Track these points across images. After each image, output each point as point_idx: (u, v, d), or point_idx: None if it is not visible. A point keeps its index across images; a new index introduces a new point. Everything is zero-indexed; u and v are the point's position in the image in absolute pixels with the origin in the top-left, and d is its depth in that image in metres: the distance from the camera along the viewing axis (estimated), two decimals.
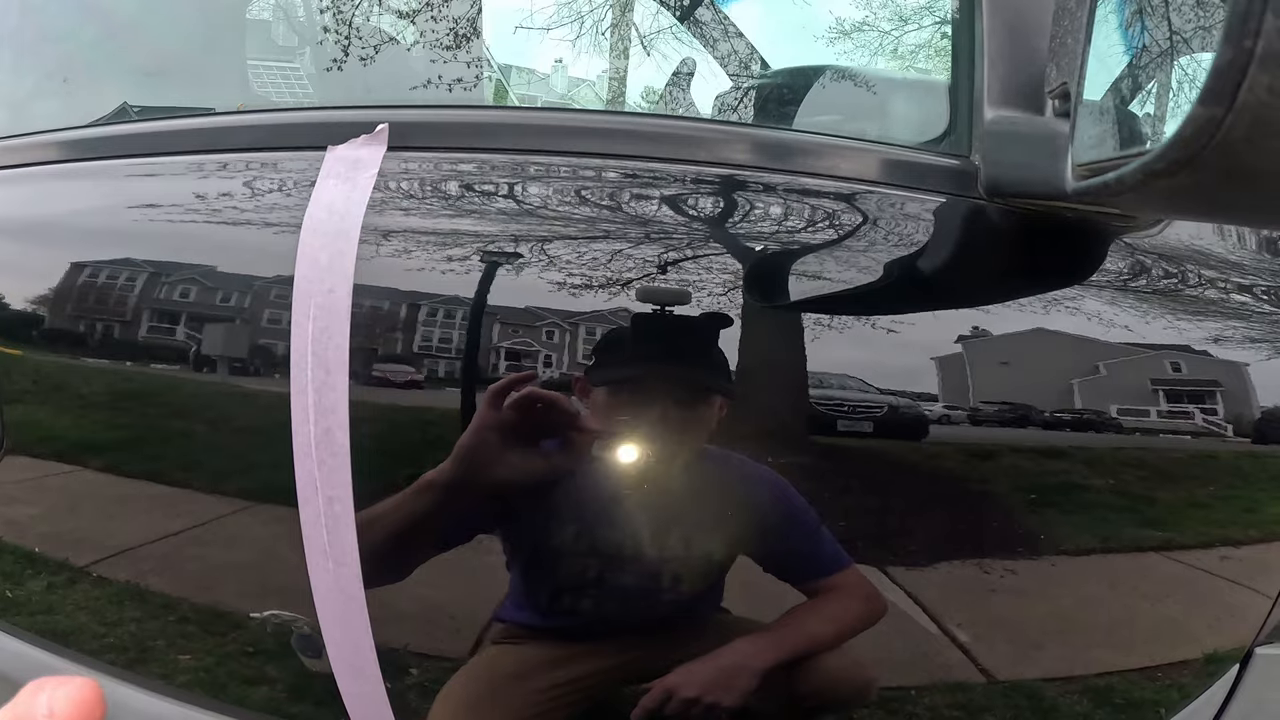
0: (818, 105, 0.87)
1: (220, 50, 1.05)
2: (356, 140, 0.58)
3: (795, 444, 0.59)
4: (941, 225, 0.60)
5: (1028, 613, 0.64)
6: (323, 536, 0.57)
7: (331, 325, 0.54)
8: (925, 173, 0.60)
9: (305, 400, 0.55)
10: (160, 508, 0.74)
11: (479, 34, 1.04)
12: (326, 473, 0.56)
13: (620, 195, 0.62)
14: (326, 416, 0.55)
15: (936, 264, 0.60)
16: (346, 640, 0.60)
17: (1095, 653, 0.66)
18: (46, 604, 0.83)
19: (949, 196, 0.59)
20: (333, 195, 0.56)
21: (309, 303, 0.55)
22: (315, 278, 0.55)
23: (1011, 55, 0.57)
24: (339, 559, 0.58)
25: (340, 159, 0.58)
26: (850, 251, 0.59)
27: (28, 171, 0.74)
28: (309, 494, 0.57)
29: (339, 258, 0.54)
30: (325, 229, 0.55)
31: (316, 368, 0.55)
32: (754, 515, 0.61)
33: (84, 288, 0.67)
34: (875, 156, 0.62)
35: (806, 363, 0.57)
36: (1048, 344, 0.59)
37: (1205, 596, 0.67)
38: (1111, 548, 0.63)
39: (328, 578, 0.58)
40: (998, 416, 0.59)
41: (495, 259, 0.58)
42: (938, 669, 0.63)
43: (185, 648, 0.77)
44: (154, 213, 0.67)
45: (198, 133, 0.70)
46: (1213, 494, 0.65)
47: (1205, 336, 0.61)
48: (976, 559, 0.61)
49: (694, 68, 1.27)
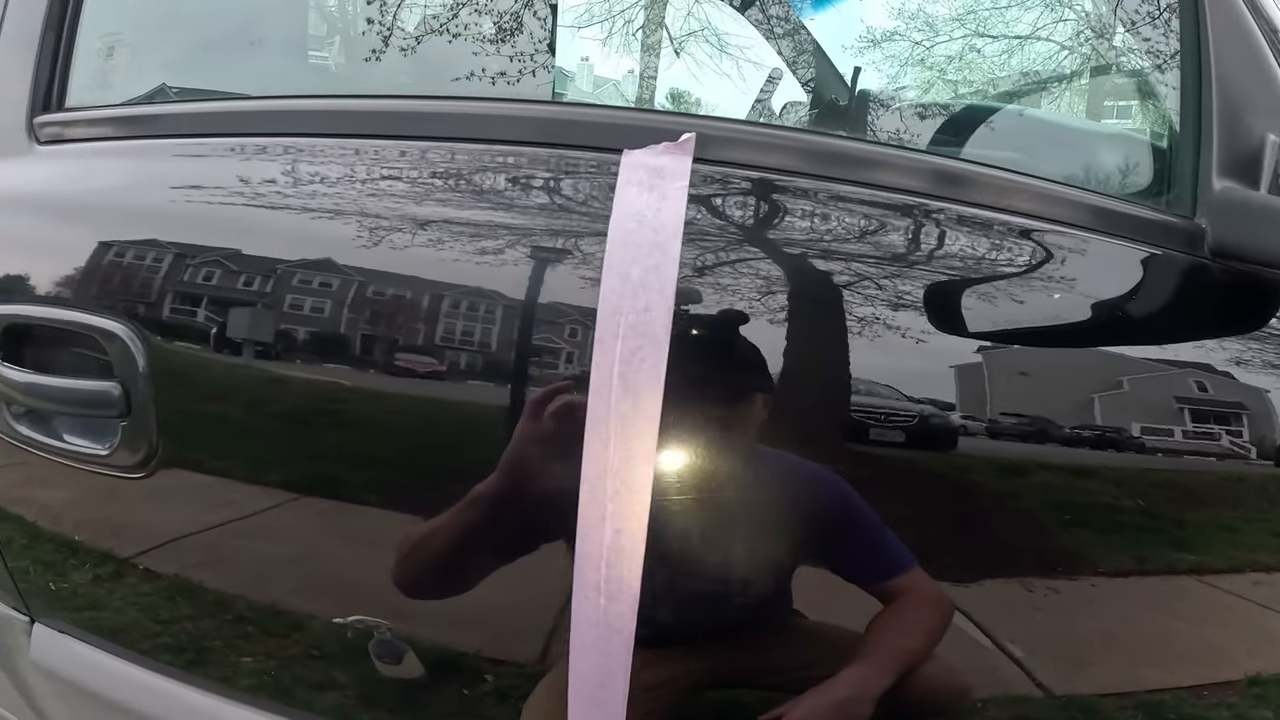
0: (1009, 142, 0.89)
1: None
2: (655, 147, 0.54)
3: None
4: (1158, 274, 0.64)
5: (1074, 630, 0.66)
6: (600, 571, 0.53)
7: (644, 347, 0.50)
8: (1142, 225, 0.63)
9: (606, 427, 0.51)
10: (219, 501, 0.68)
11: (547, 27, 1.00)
12: (620, 505, 0.52)
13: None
14: (628, 444, 0.51)
15: (1153, 309, 0.63)
16: (598, 673, 0.57)
17: (1143, 670, 0.69)
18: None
19: (1166, 250, 0.63)
20: (640, 205, 0.52)
21: (618, 320, 0.50)
22: (626, 294, 0.50)
23: (1235, 130, 0.62)
24: (613, 594, 0.54)
25: (639, 165, 0.53)
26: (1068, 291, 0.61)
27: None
28: (593, 524, 0.53)
29: (654, 273, 0.50)
30: (637, 240, 0.51)
31: (623, 393, 0.50)
32: (813, 515, 0.61)
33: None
34: (1092, 203, 0.64)
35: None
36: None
37: (1240, 621, 0.69)
38: (1147, 570, 0.65)
39: (595, 611, 0.55)
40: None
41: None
42: (997, 683, 0.65)
43: (245, 649, 0.73)
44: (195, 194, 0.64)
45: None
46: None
47: None
48: (1021, 577, 0.63)
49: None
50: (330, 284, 0.61)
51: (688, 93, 1.71)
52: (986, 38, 1.09)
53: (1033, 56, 1.09)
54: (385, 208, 0.62)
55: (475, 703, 0.68)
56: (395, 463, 0.64)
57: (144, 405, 0.64)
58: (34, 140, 0.74)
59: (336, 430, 0.65)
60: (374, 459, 0.65)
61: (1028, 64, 1.10)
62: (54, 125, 0.74)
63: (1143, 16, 0.72)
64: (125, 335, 0.64)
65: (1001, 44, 1.10)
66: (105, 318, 0.65)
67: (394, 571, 0.63)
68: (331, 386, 0.63)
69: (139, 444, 0.65)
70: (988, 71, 1.17)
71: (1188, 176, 0.64)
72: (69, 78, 0.74)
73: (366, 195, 0.62)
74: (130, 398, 0.64)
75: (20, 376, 0.69)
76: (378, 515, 0.65)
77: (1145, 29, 0.72)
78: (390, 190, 0.62)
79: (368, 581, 0.66)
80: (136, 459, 0.65)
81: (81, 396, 0.66)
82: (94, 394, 0.65)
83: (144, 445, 0.65)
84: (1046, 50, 1.07)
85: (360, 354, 0.62)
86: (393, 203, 0.62)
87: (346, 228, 0.62)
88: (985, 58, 1.13)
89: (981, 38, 1.09)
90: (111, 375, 0.65)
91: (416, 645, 0.66)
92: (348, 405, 0.63)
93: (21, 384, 0.69)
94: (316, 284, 0.62)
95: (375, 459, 0.65)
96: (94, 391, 0.65)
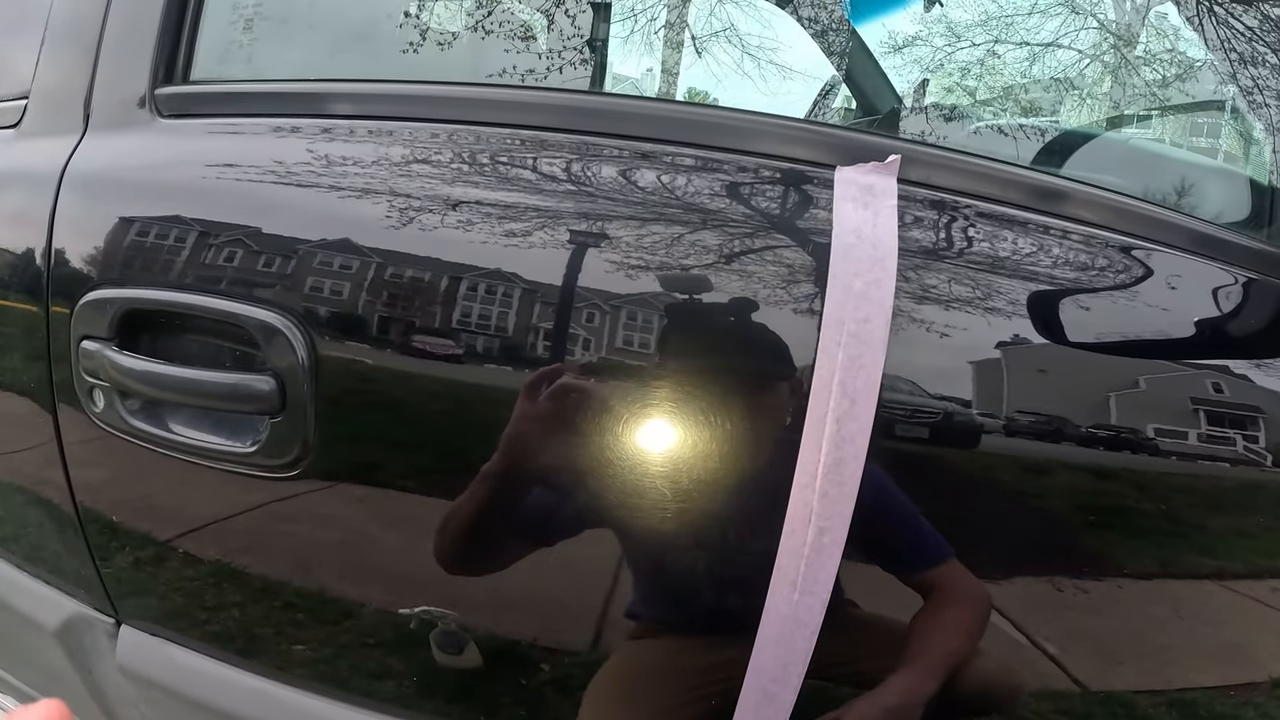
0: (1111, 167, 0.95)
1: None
2: (864, 166, 0.56)
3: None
4: (1257, 298, 0.69)
5: (1104, 629, 0.68)
6: (799, 567, 0.56)
7: (863, 355, 0.53)
8: (1242, 252, 0.68)
9: (822, 429, 0.53)
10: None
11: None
12: (828, 504, 0.54)
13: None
14: (842, 447, 0.53)
15: (1247, 330, 0.69)
16: (777, 664, 0.59)
17: (1172, 670, 0.72)
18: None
19: (1261, 276, 0.67)
20: (858, 221, 0.54)
21: (840, 330, 0.53)
22: (849, 304, 0.53)
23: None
24: (807, 589, 0.56)
25: (851, 183, 0.56)
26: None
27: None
28: (798, 523, 0.55)
29: (875, 287, 0.53)
30: (858, 255, 0.53)
31: (841, 396, 0.53)
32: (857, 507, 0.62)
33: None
34: (1200, 231, 0.70)
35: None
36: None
37: (1262, 626, 0.72)
38: (1171, 573, 0.68)
39: (787, 606, 0.57)
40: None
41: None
42: (1036, 676, 0.67)
43: (296, 637, 0.72)
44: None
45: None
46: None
47: None
48: (1050, 576, 0.65)
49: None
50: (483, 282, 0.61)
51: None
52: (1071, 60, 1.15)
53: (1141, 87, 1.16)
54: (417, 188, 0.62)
55: (534, 692, 0.69)
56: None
57: (300, 402, 0.62)
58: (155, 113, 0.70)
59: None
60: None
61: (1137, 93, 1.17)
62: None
63: (1252, 59, 0.79)
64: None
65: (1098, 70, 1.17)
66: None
67: (434, 546, 0.63)
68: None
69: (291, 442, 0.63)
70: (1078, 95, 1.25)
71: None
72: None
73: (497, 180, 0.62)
74: (286, 393, 0.62)
75: (142, 366, 0.65)
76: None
77: (1255, 71, 0.78)
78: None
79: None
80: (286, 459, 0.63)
81: (230, 391, 0.63)
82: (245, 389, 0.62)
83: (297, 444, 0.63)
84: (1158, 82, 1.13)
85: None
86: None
87: (506, 224, 0.61)
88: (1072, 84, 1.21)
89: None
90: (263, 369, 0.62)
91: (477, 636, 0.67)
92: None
93: (144, 373, 0.65)
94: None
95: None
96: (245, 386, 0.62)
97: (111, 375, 0.65)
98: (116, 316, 0.65)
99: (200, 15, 0.71)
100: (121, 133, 0.71)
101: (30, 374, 0.72)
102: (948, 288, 0.58)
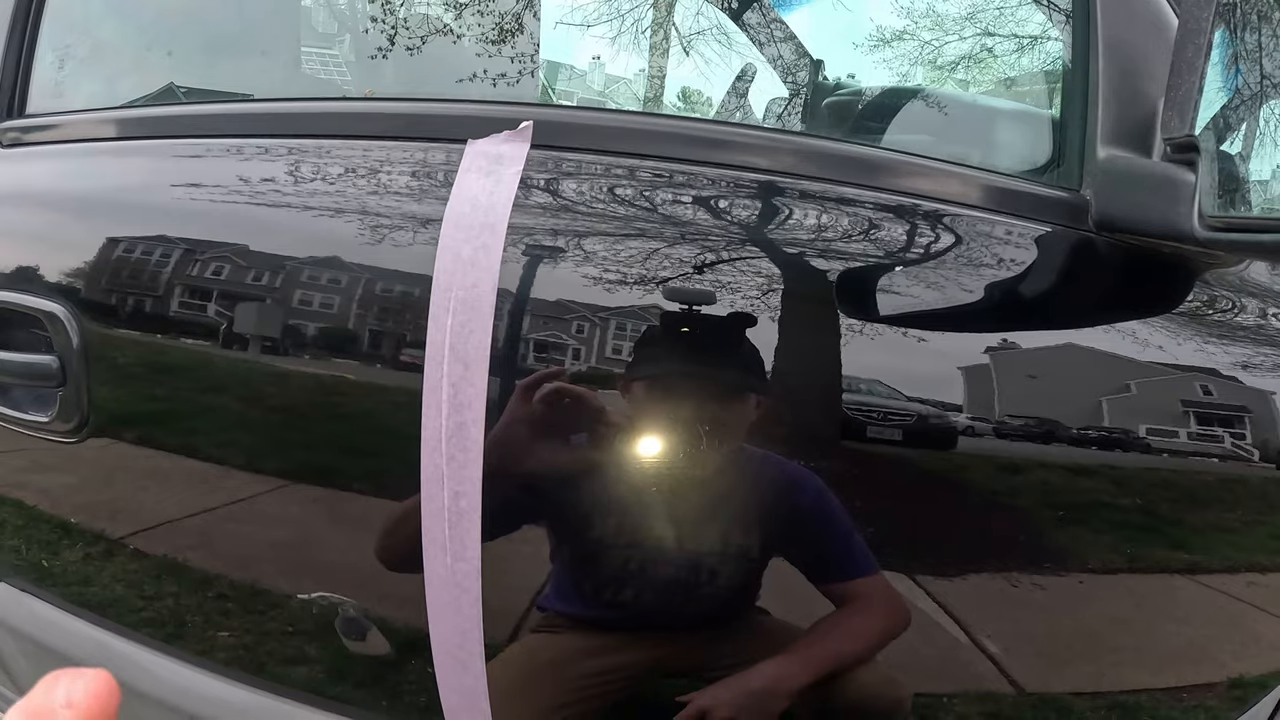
0: (910, 125, 0.90)
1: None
2: (498, 136, 0.58)
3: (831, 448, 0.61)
4: (1047, 252, 0.62)
5: (1055, 627, 0.66)
6: (444, 530, 0.57)
7: (472, 320, 0.54)
8: (1031, 202, 0.62)
9: (439, 395, 0.55)
10: (199, 483, 0.73)
11: (527, 29, 1.04)
12: (456, 468, 0.55)
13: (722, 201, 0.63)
14: (461, 411, 0.55)
15: (1043, 287, 0.63)
16: (454, 632, 0.60)
17: (1122, 671, 0.68)
18: (83, 575, 0.81)
19: (1055, 226, 0.61)
20: (476, 190, 0.56)
21: (449, 296, 0.54)
22: (457, 271, 0.54)
23: (1125, 97, 0.59)
24: (458, 553, 0.57)
25: (481, 154, 0.57)
26: (954, 270, 0.61)
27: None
28: (434, 488, 0.56)
29: (483, 252, 0.54)
30: (469, 223, 0.55)
31: (454, 362, 0.54)
32: (788, 514, 0.62)
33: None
34: (980, 181, 0.64)
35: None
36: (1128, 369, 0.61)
37: (1232, 622, 0.68)
38: (1138, 568, 0.64)
39: (443, 571, 0.58)
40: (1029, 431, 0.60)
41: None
42: (969, 677, 0.64)
43: (223, 624, 0.77)
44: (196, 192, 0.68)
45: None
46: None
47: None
48: (1005, 572, 0.63)
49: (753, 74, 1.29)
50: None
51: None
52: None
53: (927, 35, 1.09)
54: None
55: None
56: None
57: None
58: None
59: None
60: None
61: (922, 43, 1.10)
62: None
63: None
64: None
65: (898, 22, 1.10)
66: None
67: (376, 547, 0.65)
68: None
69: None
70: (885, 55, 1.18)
71: (1075, 148, 0.62)
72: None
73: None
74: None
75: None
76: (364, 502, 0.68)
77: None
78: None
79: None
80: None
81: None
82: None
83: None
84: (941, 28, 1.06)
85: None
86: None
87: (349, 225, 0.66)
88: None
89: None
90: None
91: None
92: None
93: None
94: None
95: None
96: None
97: None
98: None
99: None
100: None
101: None
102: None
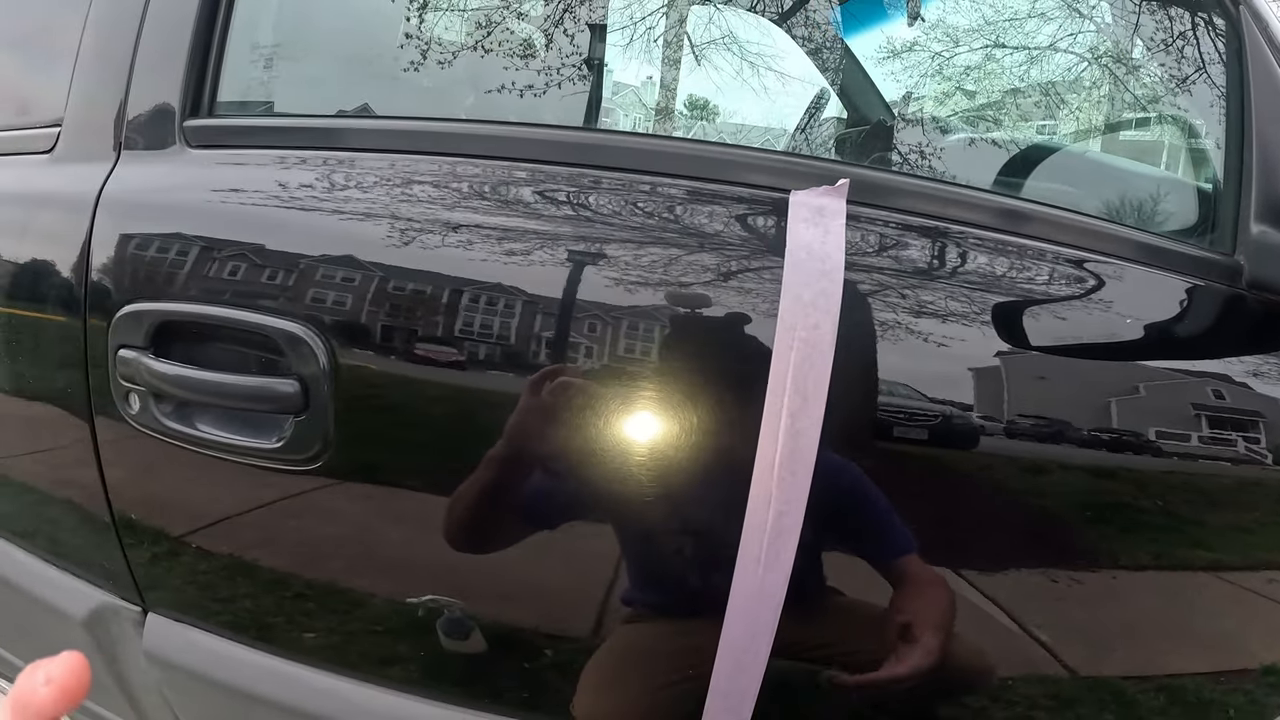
0: (1067, 178, 1.02)
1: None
2: (816, 190, 0.64)
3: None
4: (1199, 304, 0.73)
5: (1098, 618, 0.71)
6: (761, 544, 0.63)
7: (813, 357, 0.60)
8: (1190, 261, 0.72)
9: (777, 423, 0.61)
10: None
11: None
12: (785, 489, 0.62)
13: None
14: (796, 439, 0.61)
15: (1193, 332, 0.74)
16: (746, 636, 0.66)
17: (1163, 658, 0.74)
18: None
19: (1207, 282, 0.72)
20: (809, 238, 0.62)
21: (792, 335, 0.61)
22: (799, 312, 0.61)
23: (1272, 180, 0.71)
24: (770, 564, 0.63)
25: (804, 205, 0.64)
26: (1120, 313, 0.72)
27: None
28: (759, 505, 0.62)
29: (823, 297, 0.61)
30: (808, 269, 0.61)
31: (794, 394, 0.60)
32: (832, 497, 0.65)
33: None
34: (1145, 241, 0.74)
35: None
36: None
37: (1257, 616, 0.73)
38: (1164, 565, 0.71)
39: (753, 580, 0.64)
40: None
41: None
42: (1025, 663, 0.71)
43: (308, 625, 0.78)
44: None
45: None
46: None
47: None
48: (1045, 568, 0.70)
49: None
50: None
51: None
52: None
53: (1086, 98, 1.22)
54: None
55: (537, 675, 0.75)
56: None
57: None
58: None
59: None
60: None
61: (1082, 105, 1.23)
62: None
63: (1190, 77, 0.84)
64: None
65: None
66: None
67: (443, 526, 0.70)
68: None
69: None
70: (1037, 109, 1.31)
71: (1228, 218, 0.73)
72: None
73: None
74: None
75: (173, 370, 0.72)
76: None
77: (1195, 88, 0.83)
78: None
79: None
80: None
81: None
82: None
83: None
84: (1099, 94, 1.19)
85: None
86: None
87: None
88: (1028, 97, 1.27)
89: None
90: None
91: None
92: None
93: (175, 377, 0.72)
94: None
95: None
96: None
97: (148, 380, 0.72)
98: (152, 327, 0.72)
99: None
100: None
101: (66, 381, 0.79)
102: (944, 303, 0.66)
